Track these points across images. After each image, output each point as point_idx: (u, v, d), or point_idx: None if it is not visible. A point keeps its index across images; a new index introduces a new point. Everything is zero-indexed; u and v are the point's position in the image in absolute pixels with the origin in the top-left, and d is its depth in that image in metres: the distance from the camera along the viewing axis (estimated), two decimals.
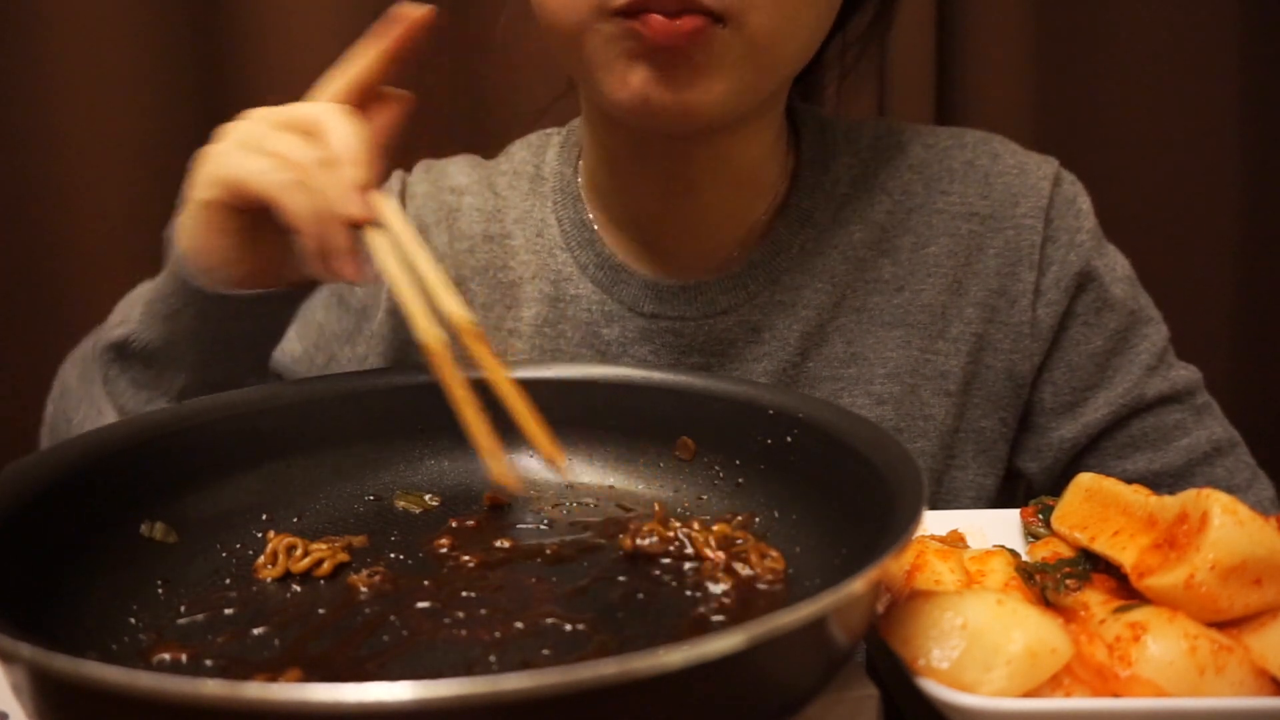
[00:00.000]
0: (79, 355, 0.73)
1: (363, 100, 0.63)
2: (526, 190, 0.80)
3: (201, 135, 0.61)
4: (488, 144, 0.88)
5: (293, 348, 0.81)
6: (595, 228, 0.77)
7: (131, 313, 0.69)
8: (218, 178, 0.60)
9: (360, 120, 0.59)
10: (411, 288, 0.56)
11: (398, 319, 0.78)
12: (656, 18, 0.59)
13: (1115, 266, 0.76)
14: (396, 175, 0.84)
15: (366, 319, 0.79)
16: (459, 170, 0.83)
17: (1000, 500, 0.78)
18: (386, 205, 0.57)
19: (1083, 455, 0.77)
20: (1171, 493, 0.47)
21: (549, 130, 0.84)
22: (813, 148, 0.76)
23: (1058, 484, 0.76)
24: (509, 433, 0.54)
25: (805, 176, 0.75)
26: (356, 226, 0.56)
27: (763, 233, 0.75)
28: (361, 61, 0.62)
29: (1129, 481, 0.65)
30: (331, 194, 0.56)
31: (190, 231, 0.63)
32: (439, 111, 1.13)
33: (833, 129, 0.78)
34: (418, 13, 0.62)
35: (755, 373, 0.74)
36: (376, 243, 0.57)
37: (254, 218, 0.62)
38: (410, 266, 0.57)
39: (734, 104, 0.64)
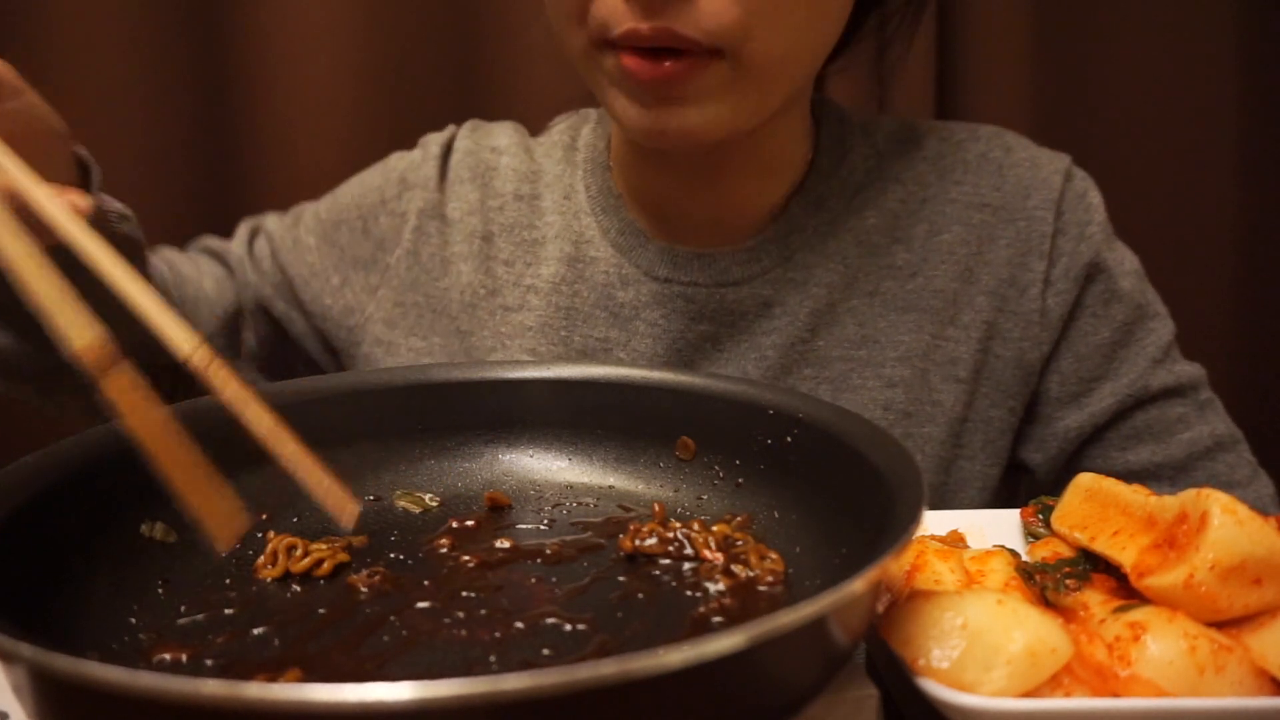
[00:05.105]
0: None
1: None
2: (560, 158, 0.83)
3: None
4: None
5: (313, 259, 0.83)
6: (621, 195, 0.79)
7: None
8: None
9: None
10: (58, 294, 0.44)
11: (416, 261, 0.80)
12: (632, 58, 0.61)
13: (1124, 261, 0.77)
14: (449, 127, 0.86)
15: (384, 250, 0.82)
16: (502, 132, 0.86)
17: (1002, 493, 0.78)
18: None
19: (1086, 446, 0.77)
20: (1173, 485, 0.47)
21: (588, 109, 0.87)
22: (831, 138, 0.78)
23: (1059, 478, 0.76)
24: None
25: (822, 164, 0.77)
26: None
27: (778, 214, 0.76)
28: None
29: (1131, 473, 0.64)
30: None
31: None
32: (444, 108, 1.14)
33: (850, 122, 0.80)
34: None
35: (764, 346, 0.75)
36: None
37: None
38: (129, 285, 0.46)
39: (738, 125, 0.66)
